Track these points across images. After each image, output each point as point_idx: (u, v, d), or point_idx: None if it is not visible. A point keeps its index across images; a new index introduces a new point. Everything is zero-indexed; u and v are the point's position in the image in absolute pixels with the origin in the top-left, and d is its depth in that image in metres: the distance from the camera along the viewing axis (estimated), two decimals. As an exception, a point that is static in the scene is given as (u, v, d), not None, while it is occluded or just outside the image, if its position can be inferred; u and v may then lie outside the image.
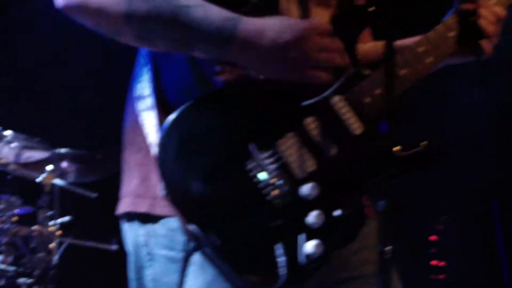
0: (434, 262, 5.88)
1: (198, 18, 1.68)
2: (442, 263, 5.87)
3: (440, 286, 5.99)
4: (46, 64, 5.82)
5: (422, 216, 6.17)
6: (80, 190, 4.89)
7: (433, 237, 6.07)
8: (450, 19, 1.99)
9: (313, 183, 1.73)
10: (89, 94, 5.74)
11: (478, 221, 6.07)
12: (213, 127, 1.74)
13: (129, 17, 1.69)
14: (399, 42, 2.02)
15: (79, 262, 5.18)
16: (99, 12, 1.72)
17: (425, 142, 1.84)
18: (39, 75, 6.02)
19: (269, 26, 1.71)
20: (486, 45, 2.01)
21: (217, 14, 1.70)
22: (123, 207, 1.89)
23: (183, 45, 1.73)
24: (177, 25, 1.69)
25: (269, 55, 1.71)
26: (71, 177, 5.00)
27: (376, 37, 2.19)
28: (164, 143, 1.69)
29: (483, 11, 1.99)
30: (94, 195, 4.84)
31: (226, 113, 1.76)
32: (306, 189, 1.73)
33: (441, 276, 5.89)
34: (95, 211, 4.92)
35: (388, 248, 1.49)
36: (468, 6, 1.99)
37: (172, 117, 1.68)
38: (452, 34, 1.97)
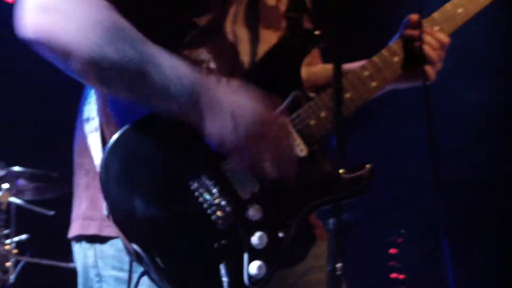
0: (394, 275, 5.90)
1: (164, 75, 1.68)
2: (401, 276, 5.88)
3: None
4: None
5: (382, 230, 6.18)
6: (37, 208, 4.86)
7: (392, 250, 6.05)
8: (394, 44, 2.03)
9: (256, 204, 1.76)
10: (45, 111, 5.68)
11: (436, 234, 5.86)
12: (155, 147, 1.75)
13: (96, 62, 1.68)
14: (346, 66, 2.06)
15: (36, 281, 5.10)
16: (66, 51, 1.70)
17: (369, 165, 1.90)
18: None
19: (233, 108, 1.73)
20: (430, 71, 2.06)
21: (182, 71, 1.71)
22: (73, 231, 1.90)
23: (143, 99, 1.73)
24: (144, 81, 1.69)
25: (225, 132, 1.71)
26: (28, 195, 5.02)
27: (324, 60, 2.24)
28: (105, 164, 1.70)
29: (427, 38, 2.05)
30: (51, 213, 4.79)
31: (168, 134, 1.77)
32: (250, 211, 1.75)
33: (401, 289, 6.23)
34: (52, 229, 4.37)
35: (338, 265, 1.46)
36: (412, 32, 2.05)
37: (113, 138, 1.69)
38: (396, 59, 2.01)
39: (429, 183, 2.01)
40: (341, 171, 1.84)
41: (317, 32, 1.99)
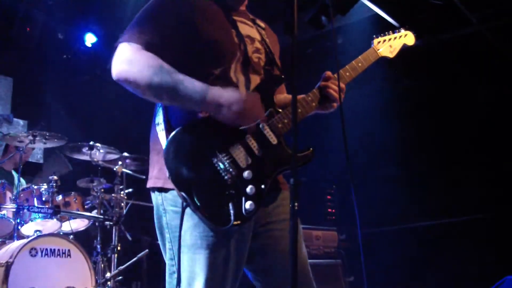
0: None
1: (187, 88, 2.19)
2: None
3: None
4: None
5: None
6: (136, 175, 6.23)
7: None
8: (316, 88, 2.51)
9: (249, 170, 2.22)
10: (141, 119, 5.78)
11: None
12: (193, 139, 2.18)
13: (150, 87, 2.20)
14: (299, 97, 2.49)
15: (138, 215, 6.45)
16: (135, 84, 2.22)
17: (311, 149, 2.42)
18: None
19: (223, 96, 2.20)
20: (333, 105, 2.56)
21: (197, 86, 2.20)
22: (149, 184, 2.36)
23: (179, 103, 2.22)
24: (177, 93, 2.20)
25: (223, 110, 2.19)
26: (131, 168, 6.41)
27: (287, 91, 2.68)
28: (167, 149, 2.15)
29: (331, 85, 2.52)
30: (143, 177, 5.87)
31: (201, 132, 2.21)
32: (245, 173, 2.21)
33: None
34: (144, 186, 5.44)
35: (296, 204, 1.90)
36: (324, 83, 2.55)
37: (170, 135, 2.16)
38: (315, 96, 2.51)
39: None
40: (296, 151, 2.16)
41: (281, 76, 2.52)
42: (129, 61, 2.21)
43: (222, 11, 2.47)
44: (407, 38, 3.04)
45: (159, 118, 2.36)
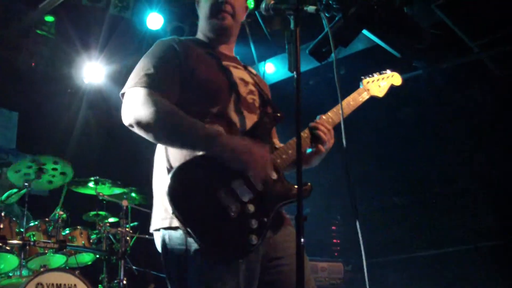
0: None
1: (199, 134, 2.28)
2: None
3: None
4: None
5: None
6: (142, 208, 6.25)
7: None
8: (306, 129, 2.61)
9: (252, 204, 2.28)
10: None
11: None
12: (196, 175, 2.26)
13: (162, 131, 2.33)
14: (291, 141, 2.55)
15: (143, 249, 6.18)
16: (148, 128, 2.31)
17: (309, 184, 2.46)
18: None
19: (234, 144, 2.27)
20: (323, 146, 2.63)
21: (209, 131, 2.28)
22: (154, 225, 2.43)
23: (189, 147, 2.31)
24: (188, 137, 2.30)
25: (233, 158, 2.27)
26: (137, 201, 6.49)
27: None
28: (170, 186, 2.20)
29: (321, 127, 2.62)
30: (148, 210, 5.11)
31: (202, 168, 2.27)
32: (248, 207, 2.27)
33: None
34: (150, 218, 5.86)
35: (302, 240, 1.95)
36: (314, 124, 2.64)
37: (173, 171, 2.24)
38: (306, 135, 2.61)
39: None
40: (294, 185, 2.41)
41: (277, 115, 2.61)
42: (141, 105, 2.29)
43: (212, 57, 2.58)
44: (394, 78, 3.17)
45: (160, 157, 2.44)
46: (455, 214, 7.18)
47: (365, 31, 6.16)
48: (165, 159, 2.38)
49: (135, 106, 2.31)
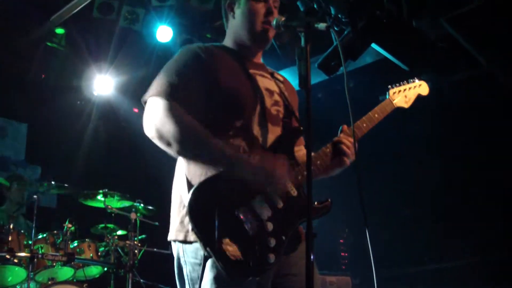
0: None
1: (218, 152, 2.29)
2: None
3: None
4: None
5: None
6: (150, 221, 6.38)
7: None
8: (328, 144, 2.63)
9: (270, 222, 2.30)
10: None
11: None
12: (216, 193, 2.26)
13: (182, 147, 2.32)
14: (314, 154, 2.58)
15: (151, 262, 6.49)
16: (168, 142, 2.32)
17: (329, 200, 2.50)
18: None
19: (252, 163, 2.28)
20: (346, 159, 2.62)
21: (228, 151, 2.30)
22: (171, 236, 2.44)
23: (207, 163, 2.32)
24: (207, 155, 2.31)
25: (251, 176, 2.28)
26: (145, 214, 6.58)
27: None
28: (190, 203, 2.24)
29: (344, 141, 2.62)
30: (156, 223, 6.27)
31: (222, 185, 2.29)
32: (267, 225, 2.29)
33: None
34: (157, 232, 6.17)
35: (312, 255, 1.97)
36: (337, 138, 2.65)
37: (193, 189, 2.25)
38: (328, 150, 2.60)
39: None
40: (315, 203, 2.47)
41: (300, 128, 2.60)
42: (163, 118, 2.29)
43: (240, 65, 2.57)
44: (422, 88, 3.14)
45: (180, 169, 2.45)
46: (467, 227, 7.11)
47: (373, 45, 6.17)
48: (186, 172, 2.39)
49: (157, 119, 2.31)
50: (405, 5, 5.95)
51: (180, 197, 2.40)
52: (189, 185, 2.33)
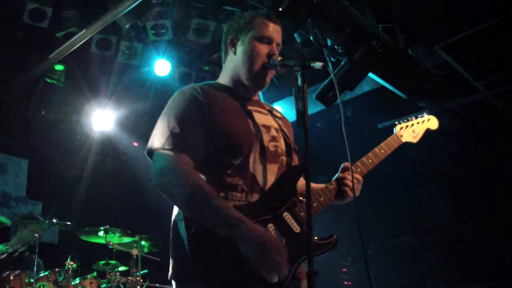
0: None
1: (220, 217, 2.26)
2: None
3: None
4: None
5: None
6: (152, 257, 6.60)
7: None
8: (333, 181, 2.65)
9: None
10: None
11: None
12: (215, 236, 2.26)
13: (186, 205, 2.35)
14: (318, 185, 2.67)
15: None
16: (173, 198, 2.37)
17: (335, 236, 2.50)
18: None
19: (253, 236, 2.23)
20: (350, 194, 2.63)
21: (231, 217, 2.26)
22: (170, 274, 2.45)
23: (210, 225, 2.28)
24: (210, 218, 2.29)
25: (249, 248, 2.24)
26: (146, 249, 6.73)
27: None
28: (189, 242, 2.29)
29: (348, 177, 2.63)
30: (158, 259, 6.42)
31: (209, 236, 2.28)
32: None
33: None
34: (159, 267, 6.01)
35: None
36: (341, 175, 2.68)
37: (193, 229, 2.31)
38: (333, 187, 2.63)
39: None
40: (318, 238, 2.45)
41: (299, 167, 2.62)
42: (170, 174, 2.31)
43: (237, 103, 2.57)
44: (430, 122, 3.08)
45: (178, 210, 2.45)
46: (467, 253, 7.13)
47: (371, 74, 6.19)
48: (184, 221, 2.41)
49: (164, 174, 2.34)
50: (400, 34, 6.04)
51: (178, 234, 2.39)
52: (186, 222, 2.35)
